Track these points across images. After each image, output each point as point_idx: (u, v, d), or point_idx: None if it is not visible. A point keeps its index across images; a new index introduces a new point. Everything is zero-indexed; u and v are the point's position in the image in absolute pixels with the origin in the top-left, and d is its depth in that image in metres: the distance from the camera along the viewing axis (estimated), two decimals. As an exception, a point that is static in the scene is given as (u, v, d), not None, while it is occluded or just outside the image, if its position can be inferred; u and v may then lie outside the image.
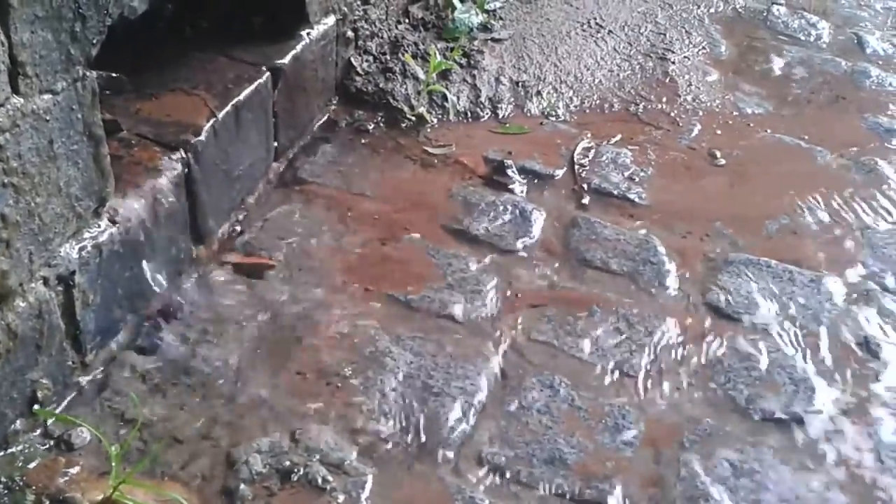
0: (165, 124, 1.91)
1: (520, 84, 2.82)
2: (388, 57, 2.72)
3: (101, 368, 1.70)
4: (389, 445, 1.65)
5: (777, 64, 3.22)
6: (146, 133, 1.88)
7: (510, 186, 2.39)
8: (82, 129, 1.52)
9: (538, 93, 2.82)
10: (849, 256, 2.28)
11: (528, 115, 2.75)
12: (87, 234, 1.61)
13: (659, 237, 2.26)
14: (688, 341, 1.96)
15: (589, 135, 2.67)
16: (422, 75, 2.65)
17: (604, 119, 2.78)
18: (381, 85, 2.65)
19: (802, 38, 3.45)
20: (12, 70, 1.33)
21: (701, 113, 2.85)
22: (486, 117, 2.70)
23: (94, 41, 1.50)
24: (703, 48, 3.24)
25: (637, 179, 2.49)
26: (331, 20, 2.46)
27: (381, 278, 2.03)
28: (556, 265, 2.15)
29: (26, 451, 1.53)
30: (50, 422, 1.57)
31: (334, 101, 2.62)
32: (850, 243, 2.33)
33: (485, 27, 2.99)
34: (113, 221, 1.66)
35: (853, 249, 2.31)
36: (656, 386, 1.85)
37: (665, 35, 3.25)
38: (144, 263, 1.77)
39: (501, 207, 2.30)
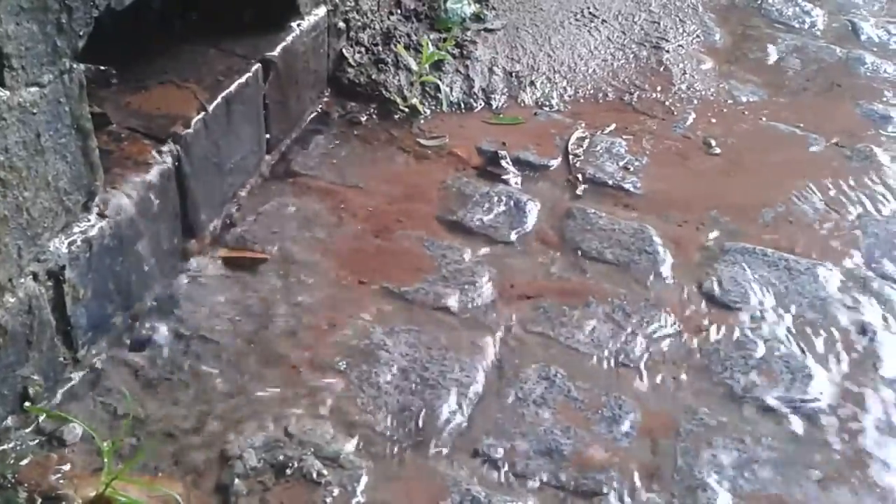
0: (155, 117, 1.89)
1: (513, 74, 2.80)
2: (381, 48, 2.70)
3: (93, 364, 1.68)
4: (385, 438, 1.64)
5: (772, 52, 3.21)
6: (136, 126, 1.86)
7: (504, 177, 2.38)
8: (70, 122, 1.51)
9: (532, 83, 2.80)
10: (845, 244, 2.27)
11: (522, 105, 2.73)
12: (76, 229, 1.59)
13: (654, 226, 2.24)
14: (684, 331, 1.95)
15: (583, 125, 2.65)
16: (414, 66, 2.63)
17: (598, 109, 2.76)
18: (373, 76, 2.63)
19: (797, 25, 3.43)
20: (-3, 62, 1.32)
21: (695, 101, 2.84)
22: (480, 108, 2.69)
23: (81, 33, 1.48)
24: (698, 36, 3.22)
25: (632, 169, 2.47)
26: (322, 11, 2.43)
27: (375, 271, 2.01)
28: (552, 256, 2.13)
29: (18, 448, 1.51)
30: (41, 418, 1.56)
31: (326, 93, 2.60)
32: (846, 231, 2.32)
33: (477, 17, 2.97)
34: (102, 216, 1.64)
35: (849, 237, 2.29)
36: (653, 376, 1.84)
37: (659, 24, 3.23)
38: (136, 257, 1.75)
39: (496, 198, 2.29)
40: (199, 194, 1.94)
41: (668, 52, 3.07)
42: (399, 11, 2.87)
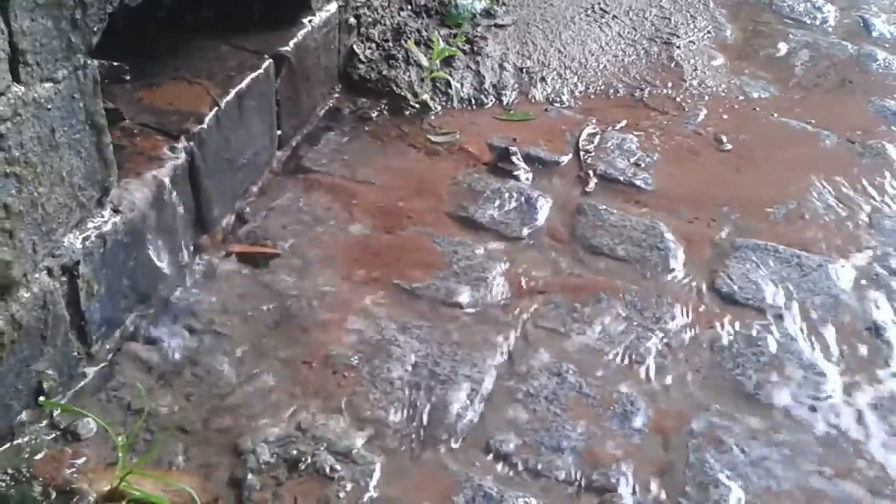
0: (168, 113, 1.89)
1: (524, 70, 2.80)
2: (391, 44, 2.70)
3: (107, 359, 1.69)
4: (397, 434, 1.64)
5: (783, 48, 3.20)
6: (148, 122, 1.86)
7: (515, 173, 2.38)
8: (84, 117, 1.51)
9: (542, 79, 2.80)
10: (857, 241, 2.26)
11: (533, 101, 2.73)
12: (90, 224, 1.59)
13: (665, 223, 2.24)
14: (695, 327, 1.95)
15: (594, 121, 2.65)
16: (425, 62, 2.63)
17: (609, 105, 2.76)
18: (384, 72, 2.63)
19: (808, 21, 3.42)
20: (13, 58, 1.32)
21: (707, 97, 2.83)
22: (491, 104, 2.69)
23: (95, 29, 1.48)
24: (709, 32, 3.22)
25: (643, 165, 2.47)
26: (333, 7, 2.44)
27: (386, 266, 2.02)
28: (563, 252, 2.13)
29: (32, 442, 1.52)
30: (56, 413, 1.57)
31: (337, 89, 2.61)
32: (857, 227, 2.31)
33: (488, 13, 2.97)
34: (116, 211, 1.65)
35: (861, 233, 2.29)
36: (664, 372, 1.84)
37: (670, 19, 3.23)
38: (149, 252, 1.76)
39: (507, 194, 2.29)
40: (211, 190, 1.95)
41: (679, 48, 3.06)
42: (409, 7, 2.86)
